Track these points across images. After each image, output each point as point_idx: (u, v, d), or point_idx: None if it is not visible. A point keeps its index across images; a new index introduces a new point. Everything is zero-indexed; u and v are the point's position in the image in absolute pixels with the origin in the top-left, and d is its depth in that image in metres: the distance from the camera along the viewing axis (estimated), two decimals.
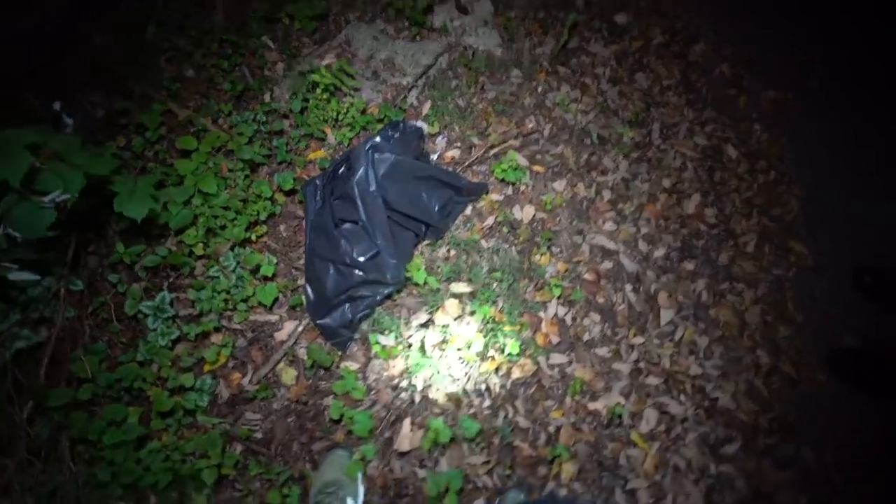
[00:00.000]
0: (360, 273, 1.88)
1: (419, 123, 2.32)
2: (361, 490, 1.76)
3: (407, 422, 1.90)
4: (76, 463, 1.64)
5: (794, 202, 2.48)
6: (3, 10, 2.29)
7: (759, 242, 2.37)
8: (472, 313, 2.05)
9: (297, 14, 2.47)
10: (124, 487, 1.62)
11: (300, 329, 1.97)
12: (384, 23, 2.58)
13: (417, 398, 1.94)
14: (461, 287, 2.09)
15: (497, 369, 2.00)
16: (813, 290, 2.33)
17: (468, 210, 2.24)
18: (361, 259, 1.87)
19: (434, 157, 2.30)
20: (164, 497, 1.67)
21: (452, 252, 2.16)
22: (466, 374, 1.99)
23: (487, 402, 1.97)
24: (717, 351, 2.16)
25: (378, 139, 1.91)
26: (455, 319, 2.05)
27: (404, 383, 1.96)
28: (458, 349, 2.00)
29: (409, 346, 2.00)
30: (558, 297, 2.12)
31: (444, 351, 2.00)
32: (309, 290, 1.94)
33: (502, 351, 2.00)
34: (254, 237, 2.03)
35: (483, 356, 2.01)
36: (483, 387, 1.98)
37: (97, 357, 1.76)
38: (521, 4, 2.70)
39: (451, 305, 2.06)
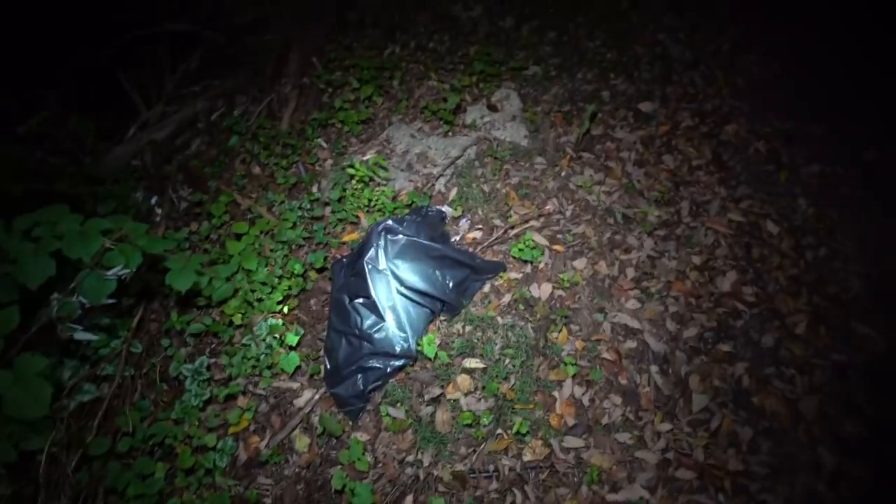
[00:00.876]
0: (369, 345, 1.99)
1: (444, 208, 2.51)
2: None
3: (409, 499, 1.87)
4: None
5: (855, 280, 2.24)
6: (145, 129, 3.01)
7: (811, 323, 2.14)
8: (484, 388, 2.04)
9: (346, 119, 2.89)
10: None
11: (317, 397, 2.08)
12: (421, 122, 2.92)
13: (422, 475, 1.92)
14: (473, 362, 2.10)
15: (506, 449, 1.93)
16: (887, 377, 2.02)
17: (486, 288, 2.31)
18: (370, 332, 1.99)
19: (456, 238, 2.45)
20: None
21: (467, 328, 2.20)
22: (475, 451, 1.94)
23: (495, 485, 1.88)
24: (764, 445, 1.91)
25: (390, 221, 2.10)
26: (466, 395, 2.05)
27: (411, 458, 1.95)
28: (468, 425, 1.98)
29: (419, 419, 2.02)
30: (573, 377, 2.04)
31: (454, 427, 1.99)
32: (326, 360, 2.08)
33: (512, 429, 1.94)
34: (286, 310, 2.24)
35: (492, 434, 1.96)
36: (491, 467, 1.91)
37: (140, 413, 1.99)
38: (547, 100, 2.92)
39: (463, 381, 2.07)
